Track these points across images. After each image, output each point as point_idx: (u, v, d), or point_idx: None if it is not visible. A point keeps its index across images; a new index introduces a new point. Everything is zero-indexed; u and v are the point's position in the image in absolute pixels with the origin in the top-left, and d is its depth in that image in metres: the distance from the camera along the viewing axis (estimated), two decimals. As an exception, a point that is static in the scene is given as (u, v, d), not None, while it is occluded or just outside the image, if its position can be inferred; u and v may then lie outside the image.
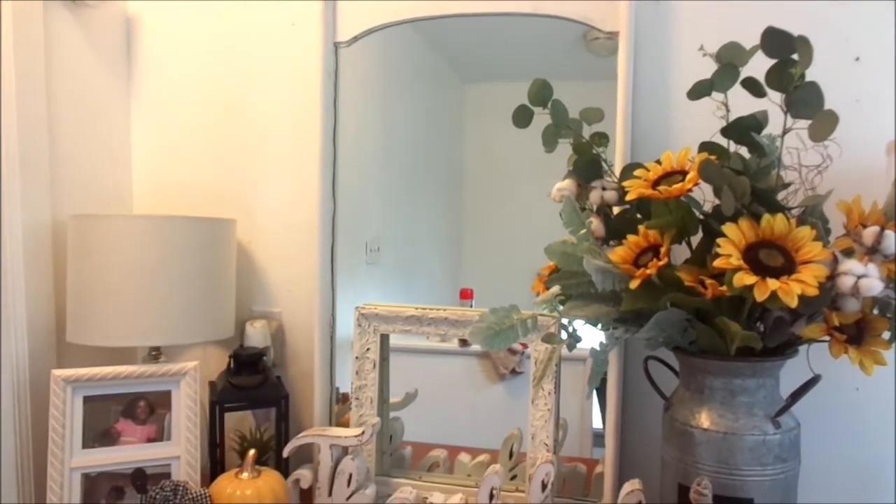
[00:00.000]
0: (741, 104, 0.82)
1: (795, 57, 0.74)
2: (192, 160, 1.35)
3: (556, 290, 0.89)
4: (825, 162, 0.84)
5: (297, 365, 1.31)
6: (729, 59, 0.81)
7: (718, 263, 0.72)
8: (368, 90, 1.29)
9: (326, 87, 1.18)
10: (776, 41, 0.74)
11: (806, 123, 0.76)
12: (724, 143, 0.84)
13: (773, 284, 0.69)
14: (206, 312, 1.15)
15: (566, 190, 0.92)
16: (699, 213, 0.85)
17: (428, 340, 1.15)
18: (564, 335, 0.89)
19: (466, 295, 1.24)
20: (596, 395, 1.11)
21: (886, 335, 0.74)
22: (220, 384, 1.18)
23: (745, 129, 0.82)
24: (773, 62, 0.75)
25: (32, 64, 1.12)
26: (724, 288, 0.73)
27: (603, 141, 0.93)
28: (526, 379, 1.08)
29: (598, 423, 1.11)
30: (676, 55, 1.07)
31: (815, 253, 0.71)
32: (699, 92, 0.83)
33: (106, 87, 1.32)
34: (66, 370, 1.06)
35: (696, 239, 0.85)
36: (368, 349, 1.14)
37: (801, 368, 0.83)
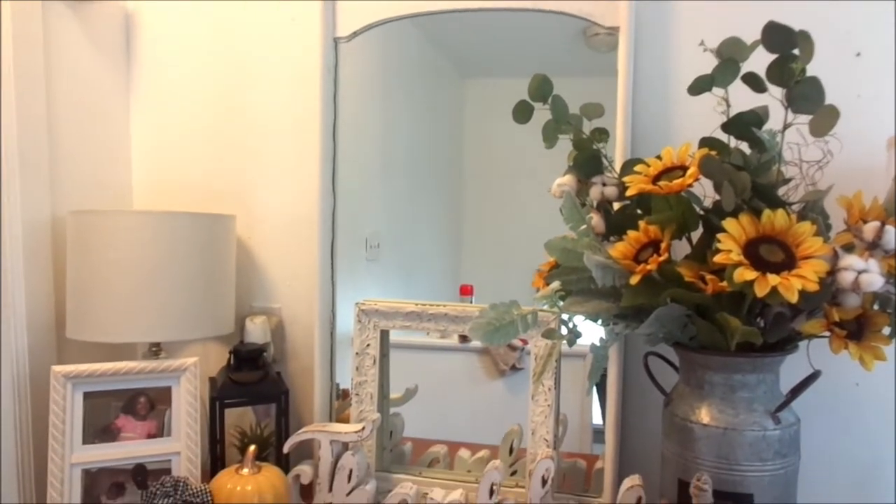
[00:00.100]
0: (742, 99, 0.82)
1: (796, 52, 0.74)
2: (191, 157, 1.35)
3: (556, 285, 0.89)
4: (826, 157, 0.84)
5: (297, 361, 1.31)
6: (729, 54, 0.81)
7: (719, 259, 0.72)
8: (368, 86, 1.29)
9: (326, 82, 1.18)
10: (777, 36, 0.74)
11: (807, 119, 0.76)
12: (724, 138, 0.84)
13: (773, 280, 0.69)
14: (206, 308, 1.15)
15: (566, 185, 0.92)
16: (699, 208, 0.85)
17: (428, 336, 1.15)
18: (564, 331, 0.89)
19: (466, 291, 1.24)
20: (596, 390, 1.11)
21: (887, 331, 0.74)
22: (220, 380, 1.18)
23: (745, 124, 0.82)
24: (773, 57, 0.75)
25: (32, 61, 1.12)
26: (724, 283, 0.73)
27: (603, 136, 0.93)
28: (526, 375, 1.08)
29: (598, 418, 1.12)
30: (677, 51, 1.07)
31: (815, 248, 0.71)
32: (700, 87, 0.83)
33: (105, 83, 1.32)
34: (66, 366, 1.06)
35: (696, 234, 0.85)
36: (368, 345, 1.14)
37: (801, 364, 0.83)
